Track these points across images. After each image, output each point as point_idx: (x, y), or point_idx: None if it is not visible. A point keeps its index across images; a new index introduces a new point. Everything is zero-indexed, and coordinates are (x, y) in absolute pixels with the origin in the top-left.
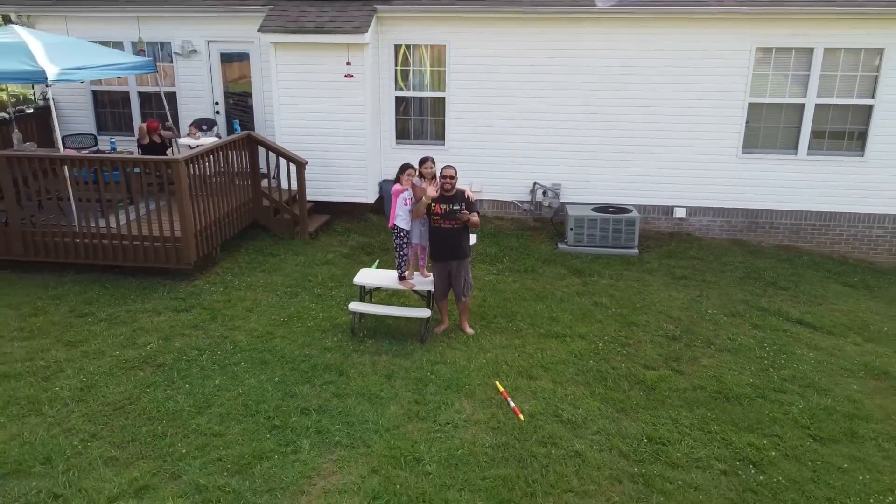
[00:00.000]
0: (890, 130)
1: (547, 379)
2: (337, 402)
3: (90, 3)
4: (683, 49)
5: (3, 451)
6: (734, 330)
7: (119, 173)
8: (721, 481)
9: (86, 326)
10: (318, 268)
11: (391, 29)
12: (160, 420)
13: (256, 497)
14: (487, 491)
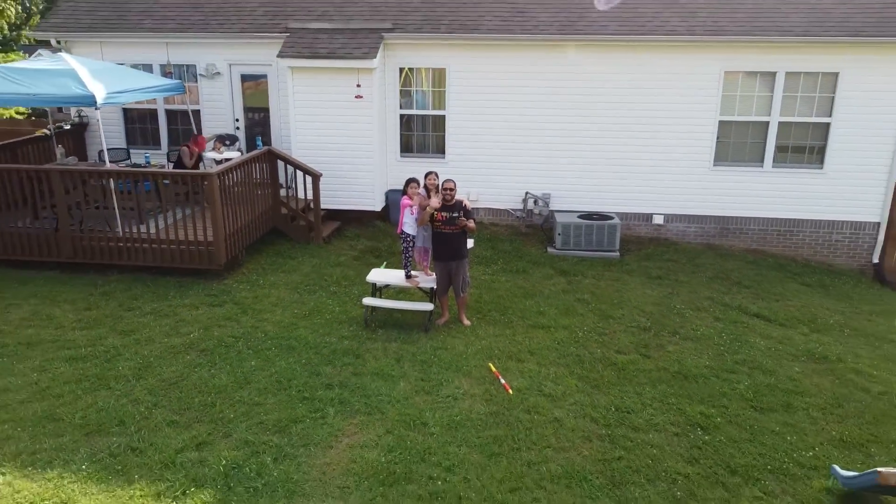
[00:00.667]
0: (846, 146)
1: (533, 362)
2: (355, 379)
3: (123, 31)
4: (660, 72)
5: (84, 416)
6: (698, 322)
7: (150, 183)
8: (673, 440)
9: (134, 318)
10: (332, 269)
11: (396, 54)
12: (208, 393)
13: (294, 450)
14: (481, 447)
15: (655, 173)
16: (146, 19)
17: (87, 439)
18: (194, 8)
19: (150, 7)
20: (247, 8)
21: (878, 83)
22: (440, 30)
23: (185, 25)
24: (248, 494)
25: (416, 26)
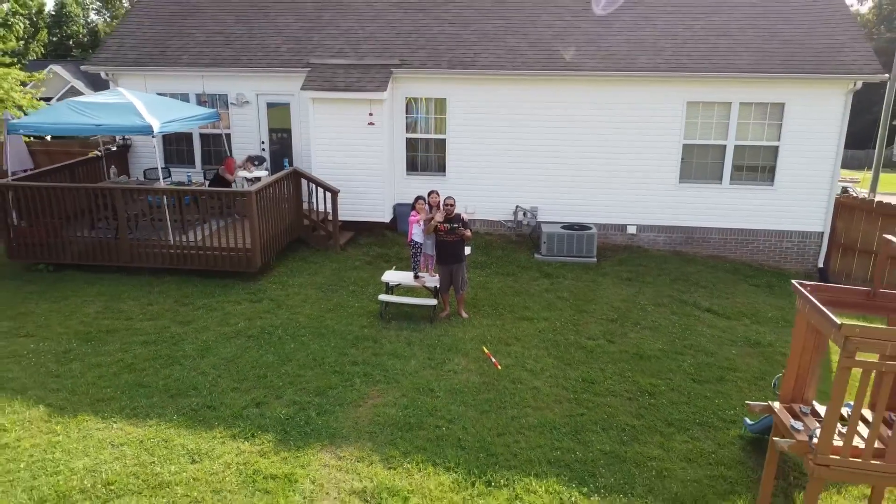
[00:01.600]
0: (792, 166)
1: (518, 345)
2: (375, 358)
3: (164, 65)
4: (632, 102)
5: (165, 383)
6: (657, 315)
7: (189, 198)
8: (626, 403)
9: (189, 312)
10: (349, 272)
11: (403, 86)
12: (259, 368)
13: (332, 407)
14: (475, 406)
15: (629, 189)
16: (184, 55)
17: (171, 400)
18: (226, 45)
19: (186, 44)
20: (272, 45)
21: (818, 112)
22: (441, 66)
23: (217, 60)
24: (301, 436)
25: (421, 62)
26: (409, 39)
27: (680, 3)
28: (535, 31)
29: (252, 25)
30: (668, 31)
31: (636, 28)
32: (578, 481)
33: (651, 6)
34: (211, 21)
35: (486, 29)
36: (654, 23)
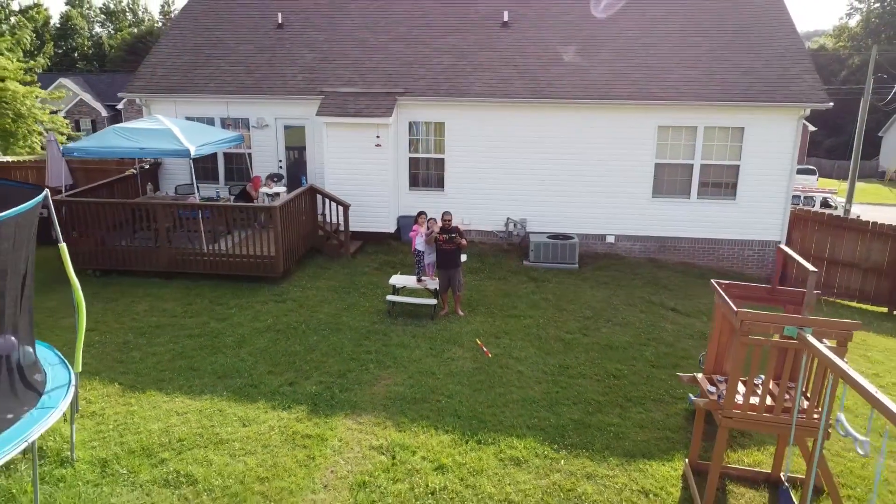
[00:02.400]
0: (752, 183)
1: (506, 338)
2: (385, 348)
3: (192, 92)
4: (610, 126)
5: (213, 368)
6: (627, 313)
7: (208, 212)
8: (594, 383)
9: (224, 310)
10: (360, 276)
11: (406, 111)
12: (289, 356)
13: (351, 386)
14: (469, 385)
15: (607, 203)
16: (210, 83)
17: (220, 380)
18: (247, 74)
19: (212, 73)
20: (289, 74)
21: (773, 135)
22: (440, 94)
23: (240, 88)
24: (328, 408)
25: (422, 91)
26: (412, 70)
27: (653, 38)
28: (523, 62)
29: (270, 56)
30: (641, 63)
31: (614, 60)
32: (550, 441)
33: (628, 40)
34: (233, 52)
35: (479, 60)
36: (629, 56)
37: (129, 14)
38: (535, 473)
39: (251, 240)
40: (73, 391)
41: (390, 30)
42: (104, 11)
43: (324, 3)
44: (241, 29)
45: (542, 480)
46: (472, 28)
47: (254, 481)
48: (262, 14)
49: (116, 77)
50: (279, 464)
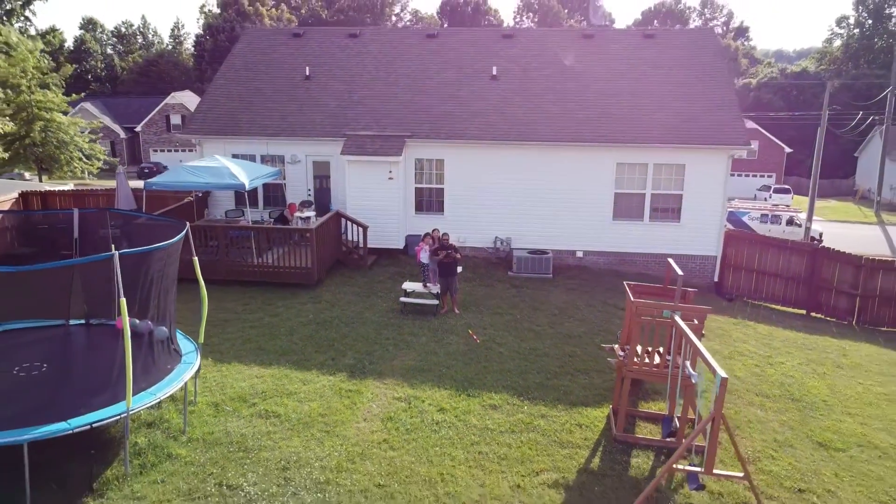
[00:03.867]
0: (692, 208)
1: (491, 329)
2: (399, 336)
3: (238, 134)
4: (579, 161)
5: (274, 348)
6: (586, 312)
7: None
8: (554, 360)
9: (274, 309)
10: (377, 283)
11: (413, 150)
12: (329, 340)
13: (376, 360)
14: (462, 361)
15: (576, 225)
16: (253, 126)
17: (281, 356)
18: (282, 119)
19: (254, 118)
20: (317, 119)
21: (708, 171)
22: (440, 136)
23: (277, 131)
24: (361, 374)
25: (426, 134)
26: (417, 116)
27: (614, 90)
28: (509, 109)
29: (301, 103)
30: (604, 112)
31: (582, 109)
32: (518, 395)
33: (593, 92)
34: (269, 100)
35: (473, 108)
36: (594, 105)
37: (139, 37)
38: (506, 413)
39: (290, 254)
40: (199, 355)
41: (399, 82)
42: (115, 35)
43: (343, 58)
44: (276, 80)
45: (511, 418)
46: (467, 81)
47: (316, 416)
48: (292, 67)
49: (132, 100)
50: (332, 407)
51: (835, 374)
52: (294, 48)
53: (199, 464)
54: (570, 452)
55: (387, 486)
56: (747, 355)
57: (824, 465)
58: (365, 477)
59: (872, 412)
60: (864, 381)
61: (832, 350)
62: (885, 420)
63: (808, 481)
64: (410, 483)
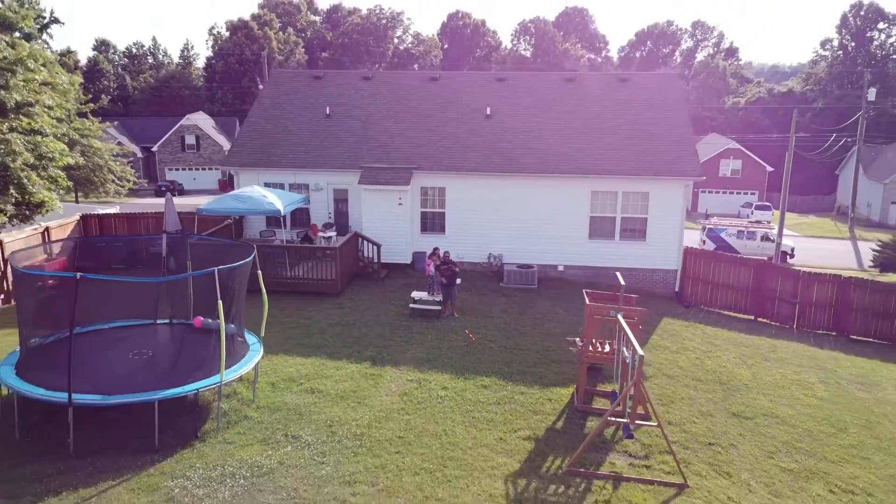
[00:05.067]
0: (656, 229)
1: (484, 330)
2: (409, 334)
3: (270, 166)
4: (559, 189)
5: (310, 343)
6: (565, 316)
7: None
8: (534, 354)
9: (306, 313)
10: (389, 293)
11: (419, 180)
12: (352, 337)
13: (392, 353)
14: (460, 354)
15: (558, 243)
16: (282, 159)
17: (316, 349)
18: (307, 153)
19: (283, 152)
20: (337, 153)
21: (668, 198)
22: (442, 168)
23: (303, 163)
24: (381, 363)
25: (429, 166)
26: (422, 151)
27: (589, 128)
28: (500, 145)
29: (322, 139)
30: (580, 147)
31: (562, 144)
32: (504, 379)
33: (572, 129)
34: (295, 135)
35: (469, 143)
36: (572, 141)
37: (149, 58)
38: (494, 391)
39: (317, 268)
40: (261, 346)
41: (406, 120)
42: (127, 55)
43: (358, 98)
44: (300, 118)
45: (497, 394)
46: (464, 119)
47: (349, 392)
48: (314, 107)
49: (148, 120)
50: (360, 386)
51: (761, 365)
52: (315, 89)
53: (268, 422)
54: (541, 418)
55: (405, 437)
56: (691, 350)
57: (733, 428)
58: (389, 431)
59: (782, 393)
60: (783, 370)
61: (764, 347)
62: (790, 399)
63: (718, 438)
64: (422, 436)
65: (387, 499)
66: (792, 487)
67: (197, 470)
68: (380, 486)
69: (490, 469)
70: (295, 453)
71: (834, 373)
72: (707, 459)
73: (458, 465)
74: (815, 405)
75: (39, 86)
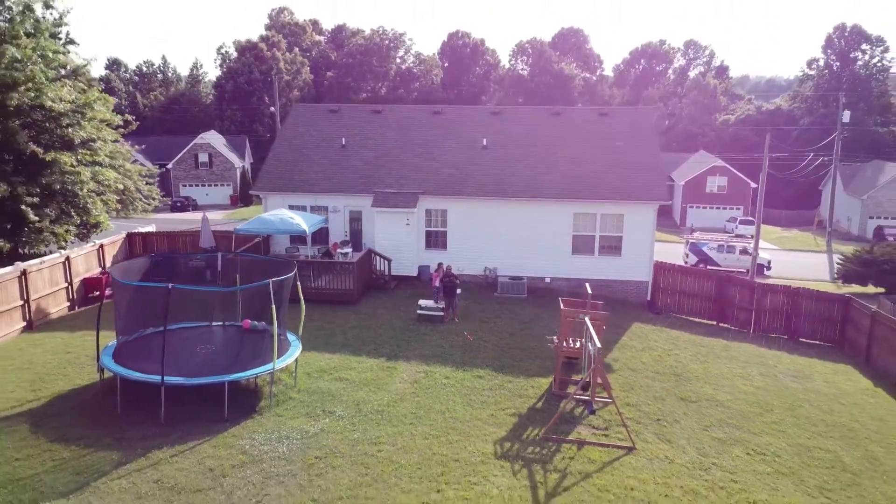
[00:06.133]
0: (630, 246)
1: (481, 332)
2: (417, 335)
3: (294, 191)
4: (545, 212)
5: (336, 342)
6: (548, 321)
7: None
8: (522, 351)
9: (329, 318)
10: (399, 301)
11: (424, 203)
12: (370, 338)
13: (403, 350)
14: (460, 351)
15: (545, 258)
16: (303, 184)
17: (341, 347)
18: (326, 179)
19: (305, 178)
20: (352, 179)
21: (641, 219)
22: (444, 194)
23: (323, 188)
24: (394, 359)
25: (433, 191)
26: (427, 177)
27: (573, 158)
28: (494, 172)
29: (340, 167)
30: (564, 174)
31: (549, 172)
32: (496, 370)
33: (560, 158)
34: (315, 163)
35: (467, 171)
36: (558, 169)
37: (159, 75)
38: (487, 380)
39: (337, 280)
40: (300, 343)
41: (413, 150)
42: (138, 73)
43: (370, 130)
44: (319, 147)
45: (490, 382)
46: (464, 149)
47: (370, 380)
48: (331, 138)
49: (161, 139)
50: (378, 375)
51: (713, 362)
52: (332, 121)
53: (308, 402)
54: (524, 400)
55: (416, 413)
56: (654, 349)
57: (679, 409)
58: (403, 409)
59: (725, 383)
60: (730, 366)
61: (718, 347)
62: (731, 387)
63: (665, 416)
64: (430, 412)
65: (404, 454)
66: (717, 450)
67: (259, 434)
68: (398, 446)
69: (483, 436)
70: (332, 423)
71: (774, 368)
72: (654, 431)
73: (458, 432)
74: (750, 392)
75: (99, 122)
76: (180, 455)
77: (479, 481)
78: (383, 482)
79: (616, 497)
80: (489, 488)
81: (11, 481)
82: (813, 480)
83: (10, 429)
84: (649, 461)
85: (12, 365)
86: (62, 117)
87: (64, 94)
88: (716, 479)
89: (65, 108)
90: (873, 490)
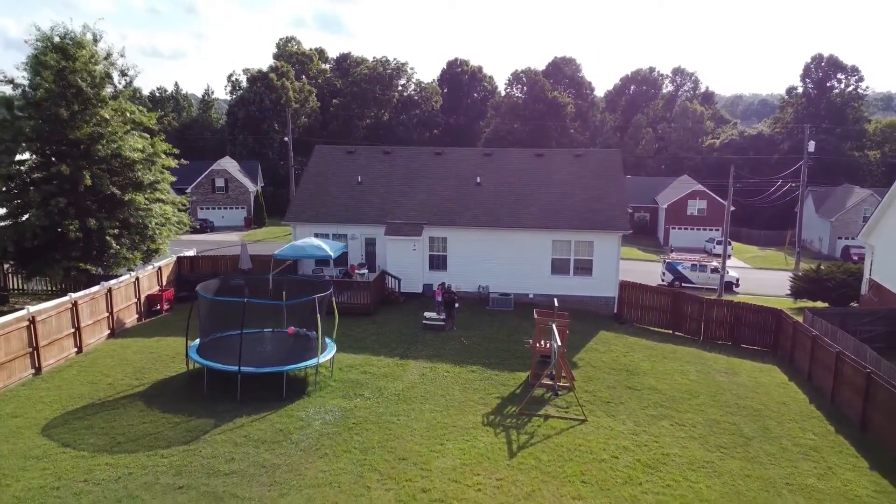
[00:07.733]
0: (599, 268)
1: (474, 338)
2: (423, 341)
3: (318, 221)
4: (529, 239)
5: (358, 346)
6: (530, 329)
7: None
8: (508, 353)
9: (352, 327)
10: (408, 314)
11: (428, 232)
12: (386, 342)
13: (412, 352)
14: (458, 354)
15: (528, 278)
16: (327, 216)
17: (364, 349)
18: (346, 210)
19: (328, 210)
20: (368, 210)
21: (607, 245)
22: (444, 224)
23: (344, 218)
24: (405, 358)
25: (435, 222)
26: (430, 210)
27: (552, 192)
28: (486, 206)
29: (357, 201)
30: (545, 206)
31: (532, 205)
32: (487, 367)
33: (541, 194)
34: (336, 198)
35: (465, 204)
36: (539, 203)
37: (171, 101)
38: (478, 374)
39: (356, 296)
40: (335, 345)
41: (417, 186)
42: (151, 100)
43: (381, 168)
44: (339, 184)
45: (481, 375)
46: (460, 185)
47: (388, 374)
48: (349, 175)
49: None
50: (394, 370)
51: (660, 361)
52: (349, 161)
53: (342, 388)
54: (507, 388)
55: (425, 396)
56: (614, 352)
57: (626, 396)
58: (415, 393)
59: (666, 377)
60: (673, 364)
61: (667, 350)
62: (670, 380)
63: (614, 400)
64: (434, 396)
65: (416, 422)
66: (649, 423)
67: (310, 408)
68: (412, 417)
69: (474, 411)
70: (362, 402)
71: (709, 366)
72: (603, 410)
73: (456, 409)
74: (685, 384)
75: (161, 167)
76: (257, 421)
77: (470, 439)
78: (403, 439)
79: (568, 451)
80: (477, 444)
81: (145, 435)
82: (715, 441)
83: (131, 404)
84: (596, 429)
85: (114, 362)
86: (136, 164)
87: (135, 144)
88: (643, 441)
89: (138, 157)
90: (758, 449)
